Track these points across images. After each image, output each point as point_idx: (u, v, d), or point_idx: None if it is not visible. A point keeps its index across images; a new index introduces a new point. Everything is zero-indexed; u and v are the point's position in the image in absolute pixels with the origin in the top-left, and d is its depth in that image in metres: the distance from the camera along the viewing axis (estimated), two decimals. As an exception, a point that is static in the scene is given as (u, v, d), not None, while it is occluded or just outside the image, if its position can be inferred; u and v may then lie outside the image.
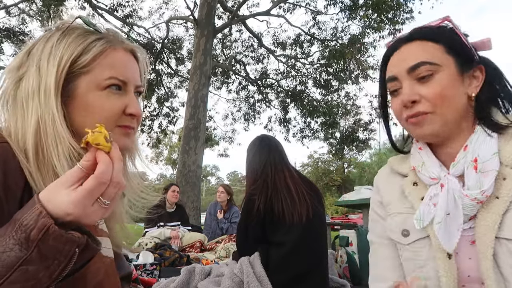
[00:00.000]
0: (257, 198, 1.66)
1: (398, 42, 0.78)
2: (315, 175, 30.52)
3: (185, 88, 12.70)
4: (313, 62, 12.09)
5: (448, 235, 0.69)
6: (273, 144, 1.87)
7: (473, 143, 0.71)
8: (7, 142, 0.56)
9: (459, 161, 0.71)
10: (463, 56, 0.72)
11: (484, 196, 0.66)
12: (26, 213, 0.45)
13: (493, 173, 0.67)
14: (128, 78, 0.65)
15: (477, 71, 0.74)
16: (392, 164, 0.89)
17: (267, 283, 1.55)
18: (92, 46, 0.62)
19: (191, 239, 3.43)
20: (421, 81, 0.72)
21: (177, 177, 7.72)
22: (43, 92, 0.58)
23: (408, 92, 0.72)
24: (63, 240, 0.45)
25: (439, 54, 0.72)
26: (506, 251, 0.63)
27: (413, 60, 0.72)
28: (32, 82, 0.59)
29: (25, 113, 0.59)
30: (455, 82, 0.71)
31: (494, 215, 0.65)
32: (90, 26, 0.66)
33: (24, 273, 0.43)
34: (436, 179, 0.74)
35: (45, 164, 0.57)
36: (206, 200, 31.02)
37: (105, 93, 0.62)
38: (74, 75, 0.61)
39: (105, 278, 0.66)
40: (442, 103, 0.70)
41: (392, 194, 0.85)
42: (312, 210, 1.64)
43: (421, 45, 0.74)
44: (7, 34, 9.93)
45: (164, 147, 28.76)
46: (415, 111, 0.72)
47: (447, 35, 0.73)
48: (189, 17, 10.07)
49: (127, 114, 0.64)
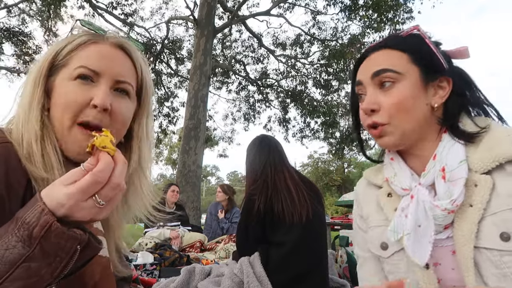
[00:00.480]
0: (257, 198, 1.66)
1: (369, 50, 0.79)
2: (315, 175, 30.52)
3: (185, 88, 12.71)
4: (313, 62, 12.09)
5: (418, 248, 0.68)
6: (273, 145, 1.87)
7: (440, 152, 0.70)
8: (9, 142, 0.57)
9: (429, 170, 0.71)
10: (428, 66, 0.72)
11: (455, 205, 0.65)
12: (29, 211, 0.45)
13: (462, 181, 0.66)
14: (103, 69, 0.62)
15: (444, 82, 0.73)
16: (367, 176, 0.89)
17: (267, 283, 1.55)
18: (73, 40, 0.63)
19: (191, 239, 3.42)
20: (383, 89, 0.72)
21: (177, 177, 7.72)
22: (27, 83, 0.62)
23: (368, 100, 0.73)
24: (65, 237, 0.45)
25: (403, 62, 0.72)
26: (486, 260, 0.62)
27: (377, 67, 0.73)
28: (26, 78, 0.63)
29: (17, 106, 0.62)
30: (416, 92, 0.71)
31: (470, 224, 0.64)
32: (85, 26, 0.67)
33: (26, 270, 0.44)
34: (408, 190, 0.74)
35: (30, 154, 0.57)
36: (206, 200, 31.03)
37: (74, 83, 0.60)
38: (56, 68, 0.62)
39: (101, 279, 0.66)
40: (399, 113, 0.70)
41: (370, 206, 0.85)
42: (312, 210, 1.64)
43: (388, 53, 0.75)
44: (7, 34, 9.92)
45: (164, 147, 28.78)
46: (371, 121, 0.73)
47: (414, 45, 0.74)
48: (189, 17, 10.07)
49: (92, 107, 0.60)
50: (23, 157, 0.56)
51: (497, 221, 0.62)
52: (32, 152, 0.57)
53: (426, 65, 0.72)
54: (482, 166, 0.66)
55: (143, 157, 0.71)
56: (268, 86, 13.22)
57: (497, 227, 0.61)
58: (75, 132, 0.60)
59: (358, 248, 0.89)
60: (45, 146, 0.58)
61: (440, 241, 0.70)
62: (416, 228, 0.69)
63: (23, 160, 0.56)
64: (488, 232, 0.62)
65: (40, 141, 0.58)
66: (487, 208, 0.63)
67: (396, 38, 0.77)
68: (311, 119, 12.50)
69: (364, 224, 0.86)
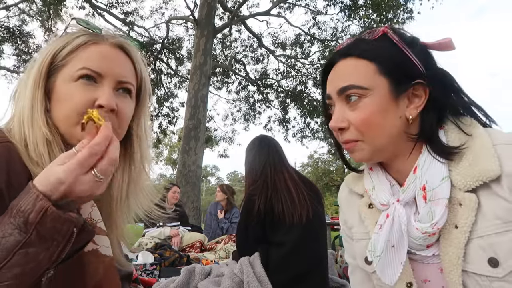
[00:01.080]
0: (257, 198, 1.66)
1: (337, 55, 0.72)
2: (315, 175, 30.50)
3: (185, 88, 12.70)
4: (313, 62, 12.09)
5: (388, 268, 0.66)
6: (272, 145, 1.87)
7: (421, 166, 0.65)
8: (10, 141, 0.57)
9: (409, 185, 0.66)
10: (399, 74, 0.65)
11: (436, 228, 0.62)
12: (23, 199, 0.46)
13: (444, 202, 0.62)
14: (105, 70, 0.62)
15: (419, 89, 0.66)
16: (348, 184, 0.84)
17: (267, 283, 1.55)
18: (73, 40, 0.63)
19: (191, 239, 3.42)
20: (349, 104, 0.67)
21: (177, 177, 7.72)
22: (26, 84, 0.61)
23: (336, 118, 0.68)
24: (61, 220, 0.46)
25: (369, 75, 0.65)
26: (475, 284, 0.59)
27: (343, 82, 0.67)
28: (24, 78, 0.63)
29: (16, 106, 0.62)
30: (386, 106, 0.64)
31: (456, 248, 0.60)
32: (82, 24, 0.67)
33: (24, 256, 0.44)
34: (386, 205, 0.69)
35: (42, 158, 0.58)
36: (206, 200, 31.01)
37: (76, 84, 0.61)
38: (55, 68, 0.62)
39: (104, 278, 0.66)
40: (369, 130, 0.65)
41: (353, 216, 0.81)
42: (312, 211, 1.64)
43: (354, 63, 0.67)
44: (7, 34, 9.92)
45: (164, 147, 28.77)
46: (344, 139, 0.68)
47: (383, 51, 0.66)
48: (189, 17, 10.07)
49: (97, 107, 0.61)
50: (27, 160, 0.56)
51: (484, 245, 0.58)
52: (40, 155, 0.57)
53: (396, 74, 0.65)
54: (465, 184, 0.61)
55: (144, 156, 0.72)
56: (268, 86, 13.22)
57: (484, 252, 0.58)
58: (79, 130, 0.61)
59: (347, 255, 0.87)
60: (53, 149, 0.59)
61: (426, 258, 0.68)
62: (388, 248, 0.66)
63: (28, 163, 0.56)
64: (476, 257, 0.59)
65: (47, 144, 0.58)
66: (473, 230, 0.60)
67: (363, 43, 0.69)
68: (311, 119, 12.50)
69: (349, 232, 0.83)
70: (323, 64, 0.78)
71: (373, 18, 9.51)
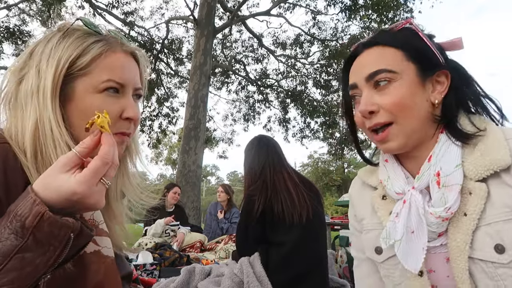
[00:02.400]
0: (256, 198, 1.66)
1: (360, 47, 0.75)
2: (315, 175, 30.52)
3: (185, 88, 12.70)
4: (313, 62, 12.09)
5: (411, 255, 0.66)
6: (271, 145, 1.87)
7: (436, 154, 0.67)
8: (7, 142, 0.56)
9: (423, 173, 0.68)
10: (424, 61, 0.69)
11: (449, 213, 0.63)
12: (20, 204, 0.46)
13: (457, 188, 0.63)
14: (126, 80, 0.64)
15: (442, 76, 0.70)
16: (361, 176, 0.86)
17: (267, 283, 1.55)
18: (90, 48, 0.62)
19: (191, 239, 3.43)
20: (379, 89, 0.68)
21: (177, 177, 7.72)
22: (41, 93, 0.59)
23: (365, 102, 0.69)
24: (58, 225, 0.45)
25: (398, 60, 0.68)
26: (481, 271, 0.61)
27: (371, 68, 0.69)
28: (31, 83, 0.60)
29: (24, 114, 0.59)
30: (414, 90, 0.67)
31: (464, 235, 0.62)
32: (91, 27, 0.66)
33: (20, 261, 0.44)
34: (401, 194, 0.71)
35: (44, 165, 0.57)
36: (206, 200, 31.02)
37: (102, 96, 0.61)
38: (72, 77, 0.61)
39: (105, 278, 0.66)
40: (400, 112, 0.66)
41: (365, 208, 0.82)
42: (312, 211, 1.65)
43: (380, 50, 0.71)
44: (7, 34, 9.92)
45: (164, 147, 28.78)
46: (374, 122, 0.69)
47: (408, 39, 0.70)
48: (189, 17, 10.07)
49: (124, 118, 0.63)
50: (25, 163, 0.56)
51: (492, 232, 0.60)
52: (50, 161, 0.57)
53: (421, 60, 0.69)
54: (477, 173, 0.63)
55: (137, 149, 0.76)
56: (268, 86, 13.21)
57: (491, 238, 0.60)
58: None
59: (354, 249, 0.88)
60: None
61: (433, 248, 0.69)
62: (408, 234, 0.67)
63: (26, 167, 0.56)
64: (483, 243, 0.61)
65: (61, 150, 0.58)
66: (481, 218, 0.62)
67: (388, 33, 0.73)
68: (311, 119, 12.49)
69: (359, 225, 0.84)
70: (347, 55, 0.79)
71: (373, 18, 9.51)
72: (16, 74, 0.62)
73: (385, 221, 0.73)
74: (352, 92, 0.75)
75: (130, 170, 0.75)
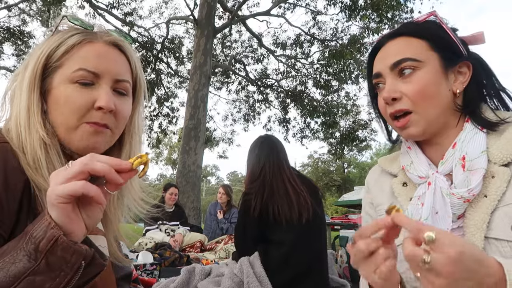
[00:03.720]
0: (253, 198, 1.66)
1: (385, 38, 0.77)
2: (315, 175, 30.51)
3: (185, 88, 12.70)
4: (313, 62, 12.09)
5: None
6: (273, 145, 1.87)
7: (462, 141, 0.70)
8: (7, 142, 0.57)
9: (447, 159, 0.70)
10: (448, 51, 0.71)
11: (471, 195, 0.65)
12: (36, 225, 0.46)
13: (481, 172, 0.65)
14: (101, 70, 0.62)
15: (464, 67, 0.72)
16: (381, 164, 0.88)
17: (267, 283, 1.55)
18: (67, 40, 0.62)
19: (191, 239, 3.43)
20: (403, 77, 0.71)
21: (177, 177, 7.72)
22: (21, 86, 0.60)
23: (388, 89, 0.71)
24: (71, 251, 0.45)
25: (422, 50, 0.71)
26: (495, 251, 0.61)
27: (396, 56, 0.71)
28: (19, 80, 0.62)
29: (12, 109, 0.61)
30: (438, 79, 0.70)
31: (483, 214, 0.64)
32: (75, 22, 0.65)
33: (30, 284, 0.44)
34: (424, 177, 0.73)
35: (39, 160, 0.57)
36: (206, 200, 31.03)
37: (74, 86, 0.60)
38: (50, 69, 0.61)
39: (101, 278, 0.65)
40: (423, 100, 0.69)
41: (383, 194, 0.84)
42: (312, 211, 1.65)
43: (405, 41, 0.73)
44: (7, 34, 9.92)
45: (164, 147, 28.77)
46: (396, 109, 0.71)
47: (432, 31, 0.72)
48: (189, 17, 10.07)
49: (96, 108, 0.61)
50: (26, 165, 0.56)
51: (510, 212, 0.61)
52: (37, 161, 0.57)
53: (445, 51, 0.71)
54: (502, 157, 0.65)
55: (133, 152, 0.73)
56: (268, 86, 13.21)
57: (509, 218, 0.61)
58: (83, 130, 0.60)
59: None
60: (49, 153, 0.58)
61: (451, 231, 0.70)
62: (433, 215, 0.69)
63: (28, 169, 0.56)
64: (500, 223, 0.62)
65: (44, 148, 0.58)
66: (501, 199, 0.63)
67: (412, 24, 0.75)
68: (311, 119, 12.49)
69: (374, 212, 0.86)
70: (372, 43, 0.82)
71: (373, 18, 9.50)
72: (16, 75, 0.64)
73: (405, 206, 0.75)
74: (376, 81, 0.77)
75: None
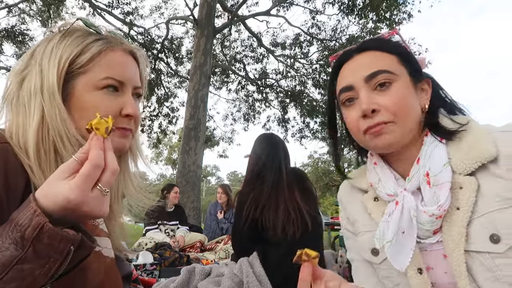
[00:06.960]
0: (246, 207, 1.66)
1: (349, 52, 0.76)
2: (315, 175, 30.48)
3: (185, 88, 12.69)
4: (313, 62, 12.09)
5: (400, 254, 0.68)
6: (274, 146, 1.86)
7: (423, 155, 0.69)
8: (8, 142, 0.57)
9: (413, 175, 0.70)
10: (413, 67, 0.72)
11: (442, 210, 0.65)
12: (22, 212, 0.45)
13: (447, 185, 0.65)
14: (126, 78, 0.65)
15: (425, 84, 0.74)
16: (351, 180, 0.86)
17: (267, 283, 1.55)
18: (90, 47, 0.63)
19: (191, 239, 3.43)
20: (378, 90, 0.69)
21: (177, 177, 7.72)
22: (46, 91, 0.59)
23: (366, 101, 0.68)
24: (58, 238, 0.45)
25: (394, 63, 0.71)
26: (479, 264, 0.61)
27: (370, 69, 0.70)
28: (34, 82, 0.60)
29: (27, 112, 0.60)
30: (412, 93, 0.70)
31: (458, 228, 0.63)
32: (91, 27, 0.67)
33: (19, 272, 0.44)
34: (393, 195, 0.72)
35: (48, 163, 0.57)
36: (206, 200, 31.01)
37: (101, 93, 0.62)
38: (72, 75, 0.62)
39: (106, 278, 0.66)
40: (402, 112, 0.67)
41: (357, 211, 0.83)
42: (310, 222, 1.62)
43: (375, 54, 0.72)
44: (7, 34, 9.92)
45: (164, 147, 28.78)
46: (376, 121, 0.68)
47: (398, 47, 0.74)
48: (189, 17, 10.07)
49: (123, 115, 0.64)
50: (26, 163, 0.56)
51: (485, 223, 0.61)
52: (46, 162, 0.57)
53: (412, 66, 0.72)
54: (465, 167, 0.65)
55: (134, 152, 0.75)
56: (267, 86, 13.21)
57: (486, 229, 0.61)
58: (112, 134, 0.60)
59: (351, 252, 0.88)
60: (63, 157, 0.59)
61: (430, 246, 0.69)
62: (399, 234, 0.68)
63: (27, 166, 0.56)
64: (478, 235, 0.61)
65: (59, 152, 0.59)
66: (474, 211, 0.63)
67: (379, 40, 0.76)
68: (311, 119, 12.49)
69: (352, 228, 0.85)
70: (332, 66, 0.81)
71: (371, 18, 9.51)
72: (18, 74, 0.63)
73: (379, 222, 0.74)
74: (347, 95, 0.73)
75: (131, 170, 0.75)
